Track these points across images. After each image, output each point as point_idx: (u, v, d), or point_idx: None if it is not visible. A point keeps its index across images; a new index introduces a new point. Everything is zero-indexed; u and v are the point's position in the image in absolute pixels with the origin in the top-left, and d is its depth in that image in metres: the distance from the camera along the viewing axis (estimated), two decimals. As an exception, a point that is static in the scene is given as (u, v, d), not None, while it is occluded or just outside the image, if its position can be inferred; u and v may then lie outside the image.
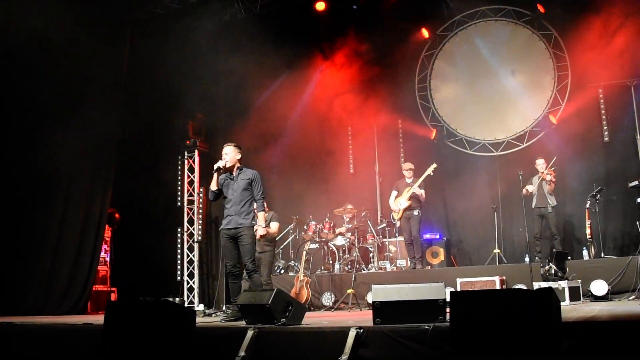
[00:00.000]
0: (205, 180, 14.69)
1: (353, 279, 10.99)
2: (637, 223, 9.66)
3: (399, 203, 12.38)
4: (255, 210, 8.26)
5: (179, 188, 14.88)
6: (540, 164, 12.07)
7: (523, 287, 10.06)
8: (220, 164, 8.13)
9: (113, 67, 12.87)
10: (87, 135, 12.51)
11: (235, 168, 8.23)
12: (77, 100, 12.30)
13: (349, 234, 12.83)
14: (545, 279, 9.80)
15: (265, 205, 10.97)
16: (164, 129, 14.45)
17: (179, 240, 14.64)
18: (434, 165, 12.31)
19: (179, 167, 14.94)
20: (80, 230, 12.41)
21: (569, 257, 10.85)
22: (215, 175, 8.18)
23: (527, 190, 11.87)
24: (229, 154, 8.21)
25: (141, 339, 5.33)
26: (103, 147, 12.80)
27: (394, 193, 12.62)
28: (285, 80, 15.39)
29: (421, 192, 12.22)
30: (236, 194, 8.13)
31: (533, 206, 11.95)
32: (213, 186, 8.23)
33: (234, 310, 7.95)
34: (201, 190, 14.67)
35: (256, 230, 8.28)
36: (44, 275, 12.00)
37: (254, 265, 8.07)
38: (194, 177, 14.78)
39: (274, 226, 10.81)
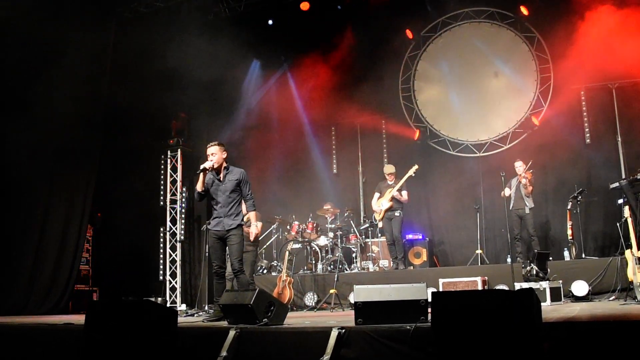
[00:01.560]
0: (188, 179, 14.69)
1: (336, 279, 11.01)
2: (618, 224, 9.71)
3: (380, 204, 12.41)
4: (247, 210, 8.24)
5: (162, 187, 14.81)
6: (518, 166, 12.12)
7: (505, 287, 10.11)
8: (207, 165, 7.97)
9: (95, 67, 12.81)
10: (70, 134, 12.47)
11: (223, 168, 8.11)
12: (60, 98, 12.22)
13: (332, 234, 12.85)
14: (526, 279, 9.85)
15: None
16: (146, 128, 14.38)
17: (161, 240, 14.57)
18: (416, 167, 12.35)
19: (162, 167, 14.87)
20: (62, 230, 12.36)
21: (550, 258, 10.91)
22: (201, 176, 8.03)
23: (504, 194, 11.97)
24: (216, 154, 8.03)
25: (123, 339, 5.31)
26: (86, 146, 12.75)
27: (377, 195, 12.66)
28: (269, 80, 15.40)
29: (402, 195, 12.25)
30: (224, 196, 8.02)
31: (511, 208, 12.01)
32: (199, 187, 8.07)
33: (217, 310, 7.91)
34: (184, 189, 14.62)
35: (249, 231, 8.29)
36: (26, 274, 11.93)
37: (241, 265, 7.97)
38: (176, 176, 14.71)
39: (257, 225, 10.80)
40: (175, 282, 14.26)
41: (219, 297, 7.93)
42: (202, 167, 8.00)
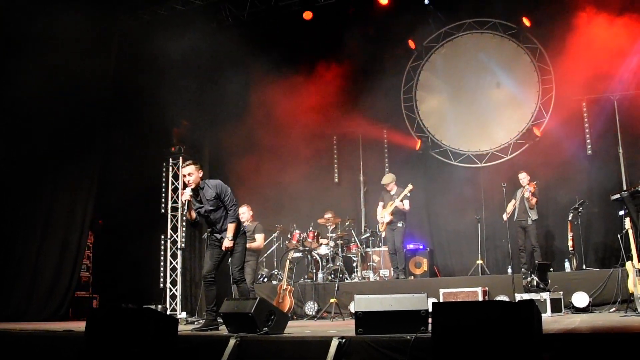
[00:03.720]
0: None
1: (336, 288, 10.99)
2: (619, 236, 9.69)
3: (383, 216, 12.39)
4: (227, 221, 7.75)
5: (163, 195, 14.82)
6: (522, 177, 12.14)
7: (505, 298, 10.12)
8: (186, 195, 7.60)
9: (99, 72, 12.84)
10: (71, 141, 12.49)
11: (198, 188, 7.73)
12: (61, 105, 12.25)
13: (333, 243, 12.84)
14: (527, 290, 9.85)
15: (251, 214, 10.93)
16: (148, 136, 14.41)
17: (162, 247, 14.57)
18: (410, 187, 12.17)
19: (164, 174, 14.89)
20: (63, 236, 12.37)
21: (551, 269, 10.91)
22: (188, 205, 7.66)
23: (507, 213, 11.98)
24: (193, 174, 7.65)
25: (123, 346, 5.31)
26: (87, 153, 12.78)
27: (380, 204, 12.64)
28: (271, 89, 15.41)
29: (404, 205, 12.18)
30: (209, 217, 7.77)
31: (515, 219, 12.02)
32: (190, 217, 7.77)
33: (208, 319, 7.80)
34: (185, 197, 14.60)
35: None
36: (26, 281, 11.94)
37: (241, 274, 7.83)
38: (178, 184, 14.71)
39: (259, 238, 10.78)
40: (176, 290, 14.26)
41: (208, 305, 7.84)
42: (184, 199, 7.65)
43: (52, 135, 12.31)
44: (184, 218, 7.97)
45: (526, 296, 9.43)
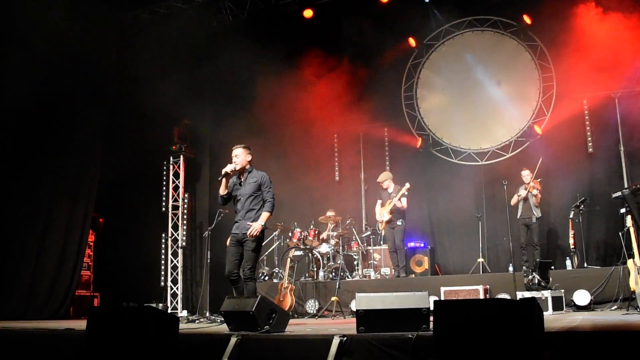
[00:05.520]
0: (190, 185, 14.72)
1: (337, 286, 10.98)
2: (620, 234, 9.70)
3: (382, 214, 12.38)
4: (263, 210, 7.91)
5: (164, 193, 14.81)
6: (525, 175, 12.14)
7: (506, 296, 10.11)
8: (228, 168, 7.86)
9: (98, 71, 12.83)
10: (71, 139, 12.48)
11: (245, 171, 8.00)
12: (61, 101, 12.24)
13: (334, 241, 12.83)
14: (528, 288, 9.84)
15: None
16: (149, 134, 14.39)
17: (163, 246, 14.56)
18: (407, 186, 12.18)
19: (164, 173, 14.88)
20: (63, 235, 12.37)
21: (552, 267, 10.90)
22: (223, 180, 7.89)
23: (517, 197, 11.99)
24: (240, 156, 7.96)
25: (124, 345, 5.30)
26: (88, 151, 12.78)
27: (379, 202, 12.63)
28: (272, 87, 15.39)
29: (402, 202, 12.17)
30: (243, 199, 7.90)
31: (518, 216, 12.02)
32: (222, 191, 7.95)
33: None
34: (186, 195, 14.61)
35: (252, 230, 7.72)
36: (27, 279, 11.92)
37: (252, 273, 7.83)
38: (179, 182, 14.71)
39: (259, 237, 10.78)
40: (177, 288, 14.25)
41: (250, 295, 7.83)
42: (223, 171, 7.87)
43: (52, 134, 12.30)
44: (218, 194, 8.04)
45: (527, 294, 9.42)
